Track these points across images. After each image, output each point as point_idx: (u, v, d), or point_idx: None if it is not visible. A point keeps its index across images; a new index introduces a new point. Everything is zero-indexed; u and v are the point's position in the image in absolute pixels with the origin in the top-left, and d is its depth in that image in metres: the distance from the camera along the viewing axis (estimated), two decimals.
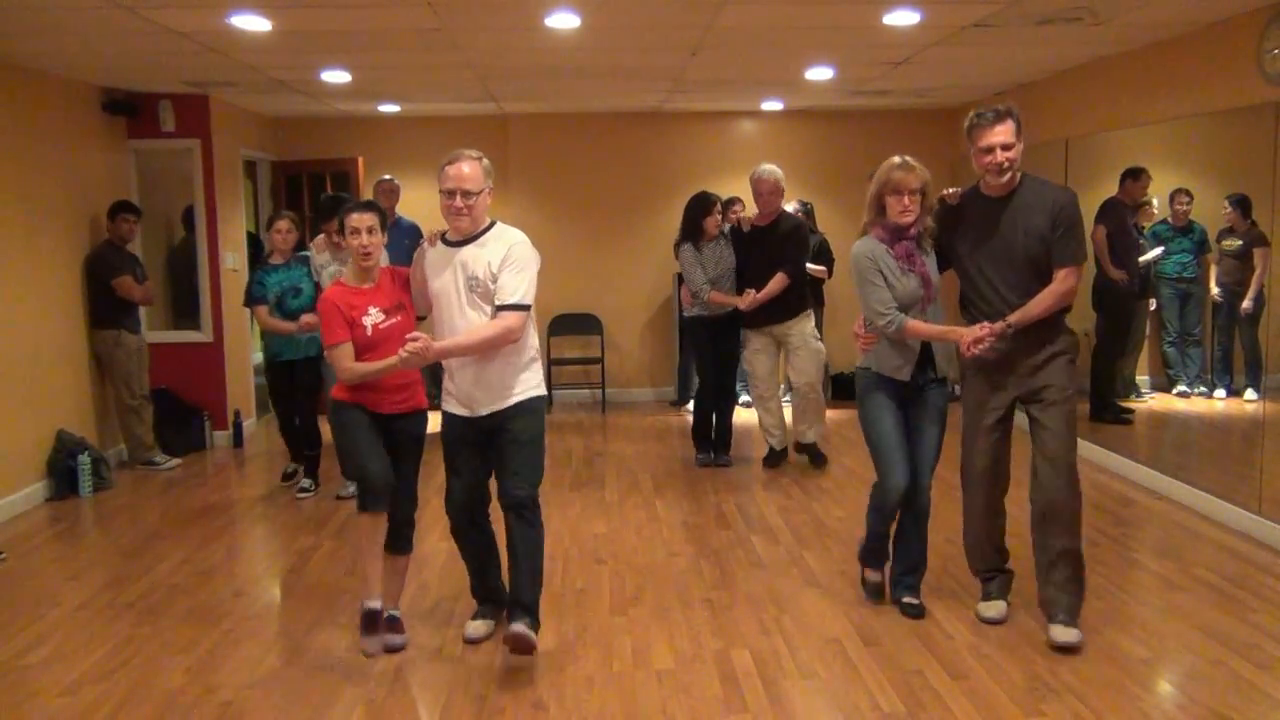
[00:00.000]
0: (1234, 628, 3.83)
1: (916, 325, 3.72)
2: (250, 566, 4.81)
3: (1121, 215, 6.43)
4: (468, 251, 3.56)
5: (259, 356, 8.99)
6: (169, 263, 7.55)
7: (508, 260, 3.51)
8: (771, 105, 8.61)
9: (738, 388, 8.48)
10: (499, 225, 3.63)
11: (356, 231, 3.69)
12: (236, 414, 7.40)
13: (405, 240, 7.21)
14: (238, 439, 7.32)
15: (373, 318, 3.67)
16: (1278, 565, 4.54)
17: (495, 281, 3.50)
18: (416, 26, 5.08)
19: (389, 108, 8.33)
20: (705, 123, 8.94)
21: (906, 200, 3.72)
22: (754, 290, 6.02)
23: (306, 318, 5.49)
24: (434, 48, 5.64)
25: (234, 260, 7.60)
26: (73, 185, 6.41)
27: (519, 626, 3.50)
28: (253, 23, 4.89)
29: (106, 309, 6.46)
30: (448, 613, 4.10)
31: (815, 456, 6.37)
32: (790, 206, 8.11)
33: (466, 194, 3.50)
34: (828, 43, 5.76)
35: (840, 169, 8.83)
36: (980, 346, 3.59)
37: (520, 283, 3.52)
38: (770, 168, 6.13)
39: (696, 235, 6.23)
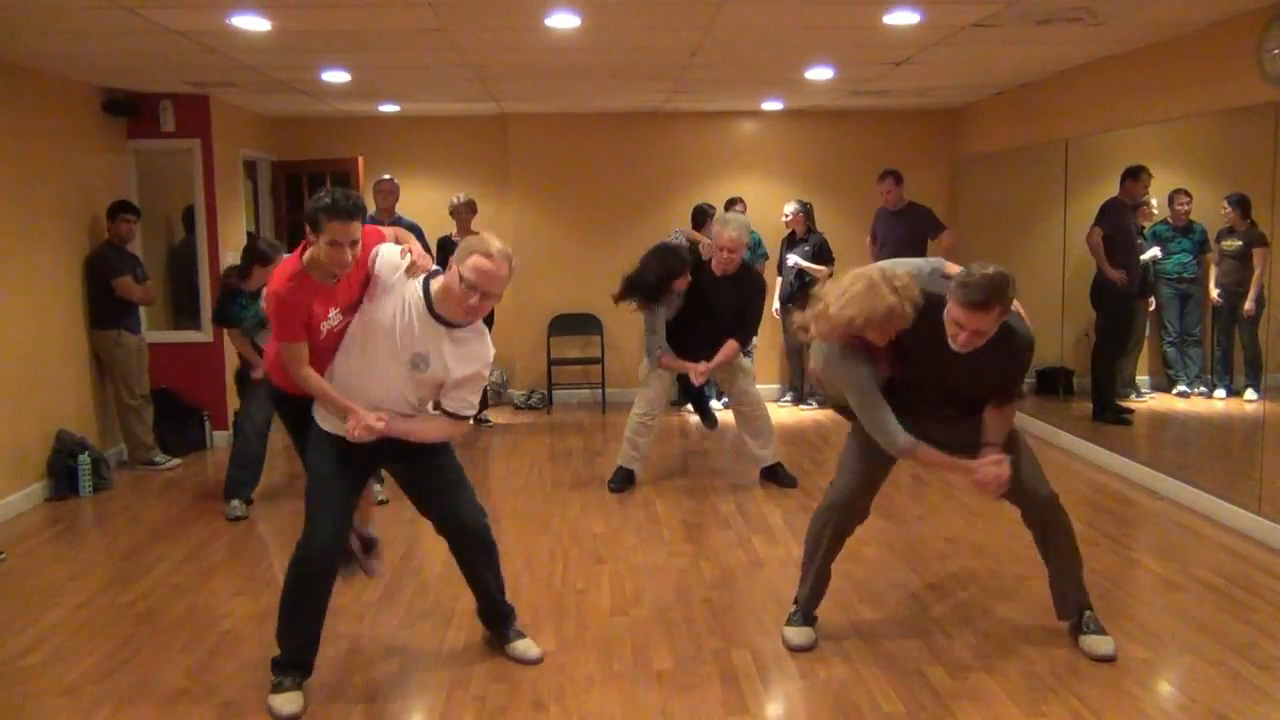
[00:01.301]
0: (1234, 627, 3.83)
1: (929, 452, 3.42)
2: (250, 566, 4.80)
3: (1121, 215, 6.43)
4: (439, 330, 3.22)
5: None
6: (169, 263, 7.55)
7: (474, 380, 3.30)
8: (772, 105, 8.61)
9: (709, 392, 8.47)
10: (481, 325, 3.34)
11: (338, 244, 3.11)
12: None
13: None
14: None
15: (330, 321, 3.24)
16: (1278, 565, 4.54)
17: (451, 388, 3.28)
18: (417, 26, 5.08)
19: (389, 107, 8.33)
20: (705, 123, 8.94)
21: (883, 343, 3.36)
22: (705, 360, 5.70)
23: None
24: (434, 48, 5.64)
25: (234, 260, 7.60)
26: (73, 185, 6.41)
27: (533, 651, 3.63)
28: (253, 23, 4.89)
29: (107, 309, 6.46)
30: (448, 612, 4.10)
31: (784, 478, 6.02)
32: (790, 206, 8.14)
33: (488, 296, 3.15)
34: (828, 42, 5.76)
35: (840, 169, 8.84)
36: (995, 489, 3.42)
37: (475, 400, 3.38)
38: (738, 222, 5.75)
39: (660, 297, 5.69)
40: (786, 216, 8.16)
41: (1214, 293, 6.19)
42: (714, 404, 8.48)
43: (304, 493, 3.37)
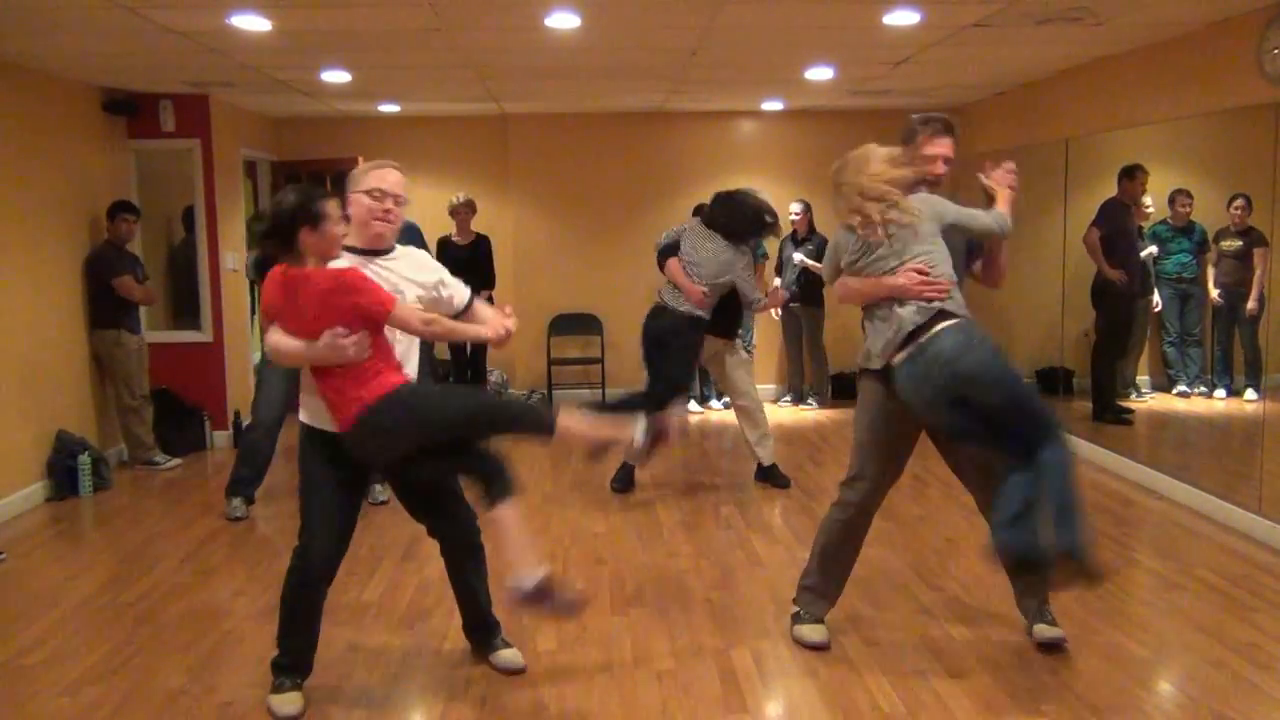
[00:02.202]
0: (1234, 628, 3.83)
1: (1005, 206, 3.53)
2: (250, 566, 4.81)
3: (1120, 215, 6.43)
4: (375, 261, 3.25)
5: (258, 356, 9.02)
6: (169, 263, 7.55)
7: (434, 270, 3.39)
8: (772, 105, 8.61)
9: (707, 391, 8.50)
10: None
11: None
12: (236, 414, 7.39)
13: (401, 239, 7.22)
14: (238, 439, 7.31)
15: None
16: (1278, 565, 4.54)
17: (439, 290, 3.35)
18: (417, 26, 5.08)
19: (389, 107, 8.34)
20: (705, 123, 8.94)
21: None
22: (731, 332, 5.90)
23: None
24: (434, 48, 5.64)
25: (234, 260, 7.60)
26: (73, 185, 6.41)
27: (518, 661, 3.58)
28: (253, 23, 4.89)
29: (107, 309, 6.47)
30: (448, 612, 4.09)
31: (777, 479, 6.00)
32: (797, 207, 8.14)
33: (398, 200, 3.26)
34: (828, 42, 5.76)
35: None
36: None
37: (456, 287, 3.43)
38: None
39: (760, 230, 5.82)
40: (795, 216, 8.16)
41: (1214, 293, 6.19)
42: (714, 404, 8.51)
43: (298, 497, 3.34)
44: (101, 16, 4.68)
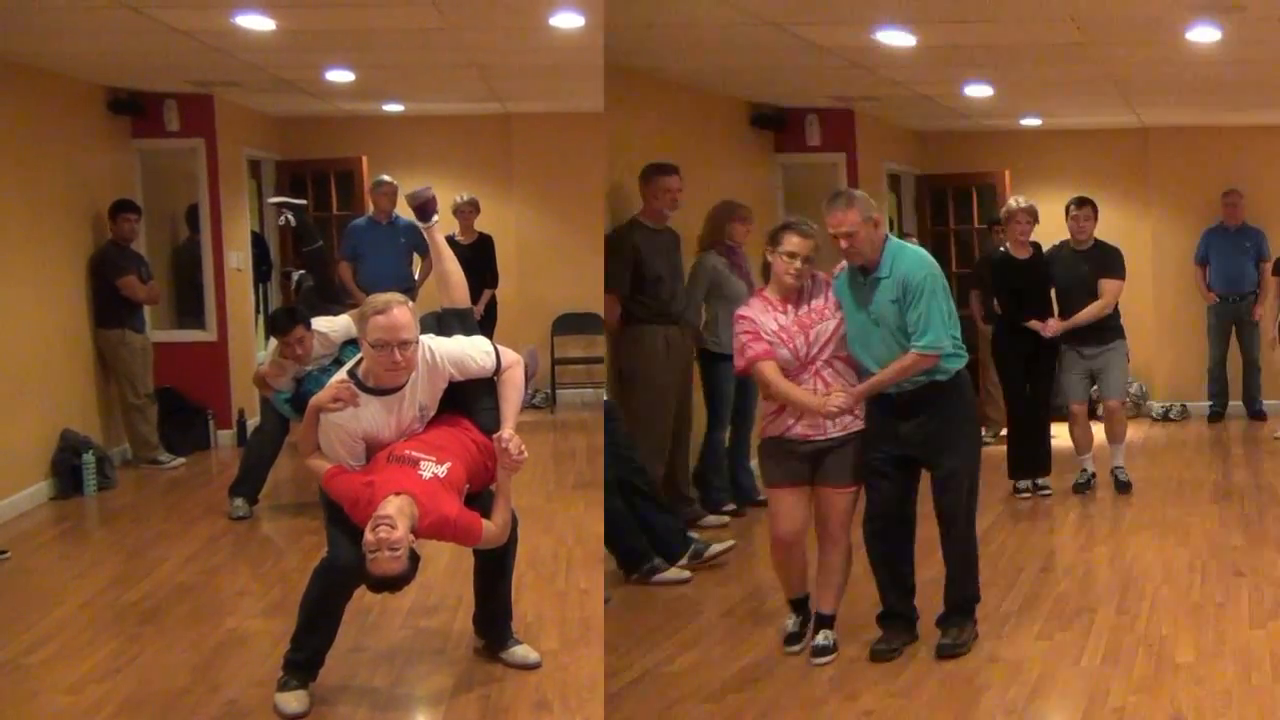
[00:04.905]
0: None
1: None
2: (254, 565, 4.81)
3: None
4: (394, 398, 3.26)
5: (262, 355, 9.02)
6: (173, 262, 7.56)
7: (448, 362, 3.32)
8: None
9: None
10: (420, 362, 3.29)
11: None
12: (240, 413, 7.39)
13: (402, 239, 7.22)
14: (241, 438, 7.30)
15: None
16: None
17: (466, 380, 3.35)
18: (421, 26, 5.08)
19: (393, 107, 8.34)
20: None
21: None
22: None
23: None
24: (438, 47, 5.64)
25: (238, 260, 7.61)
26: (77, 185, 6.42)
27: (532, 657, 3.56)
28: (257, 22, 4.89)
29: (111, 308, 6.47)
30: (451, 611, 4.09)
31: None
32: None
33: (405, 345, 3.15)
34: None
35: None
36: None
37: (475, 353, 3.37)
38: None
39: None
40: None
41: None
42: None
43: (321, 503, 3.35)
44: (106, 16, 4.69)
